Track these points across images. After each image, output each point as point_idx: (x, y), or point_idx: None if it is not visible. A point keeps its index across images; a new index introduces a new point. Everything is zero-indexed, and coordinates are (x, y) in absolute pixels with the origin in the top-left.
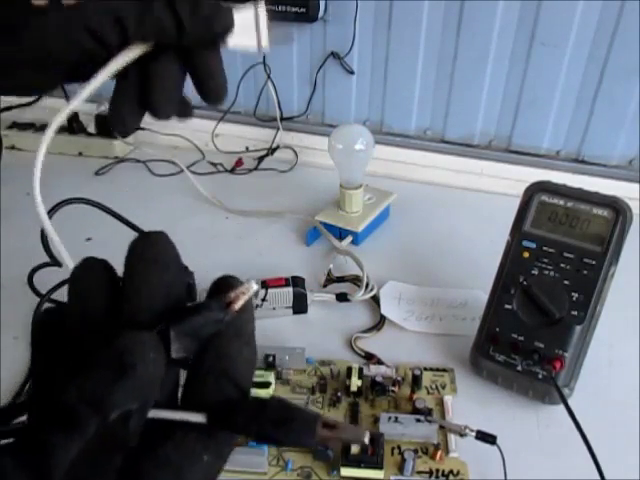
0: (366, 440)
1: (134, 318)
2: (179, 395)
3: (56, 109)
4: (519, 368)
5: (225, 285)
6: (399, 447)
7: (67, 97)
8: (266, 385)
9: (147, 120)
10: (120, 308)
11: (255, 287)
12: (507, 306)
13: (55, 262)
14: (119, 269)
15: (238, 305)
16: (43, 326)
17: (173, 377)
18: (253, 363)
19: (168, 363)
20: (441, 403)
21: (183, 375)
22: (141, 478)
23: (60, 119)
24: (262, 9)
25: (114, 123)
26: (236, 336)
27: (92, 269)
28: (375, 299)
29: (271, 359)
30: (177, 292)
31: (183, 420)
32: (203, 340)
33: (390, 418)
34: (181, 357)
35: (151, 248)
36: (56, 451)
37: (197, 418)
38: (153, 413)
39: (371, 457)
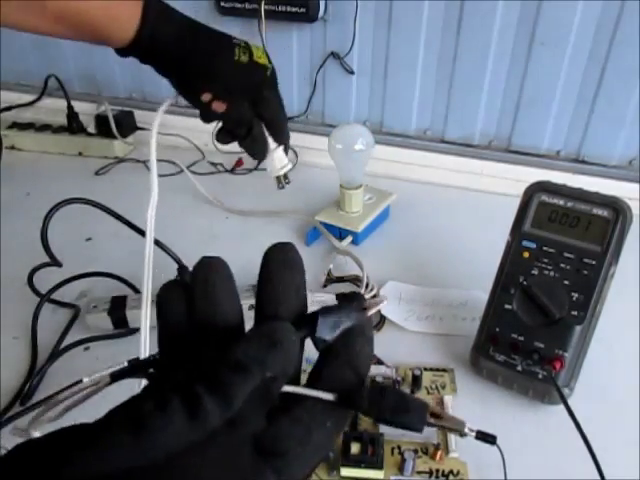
0: (466, 430)
1: (275, 311)
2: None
3: (55, 109)
4: (519, 368)
5: (357, 297)
6: (399, 447)
7: (67, 97)
8: None
9: (146, 120)
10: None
11: (386, 302)
12: (507, 306)
13: (55, 262)
14: (120, 269)
15: (372, 312)
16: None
17: (301, 359)
18: (371, 358)
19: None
20: (441, 403)
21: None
22: (279, 430)
23: None
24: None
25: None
26: (361, 335)
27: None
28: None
29: None
30: (304, 292)
31: (315, 396)
32: (340, 332)
33: None
34: (320, 340)
35: (285, 254)
36: (236, 387)
37: (327, 396)
38: (292, 388)
39: (371, 457)
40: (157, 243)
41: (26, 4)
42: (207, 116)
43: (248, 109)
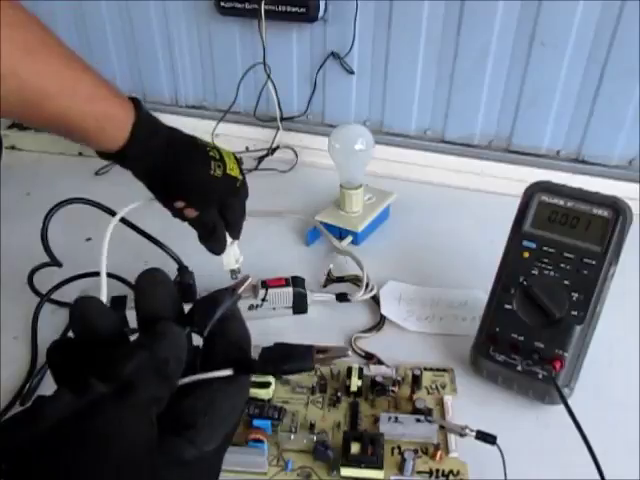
0: (349, 353)
1: (157, 316)
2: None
3: None
4: (519, 368)
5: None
6: (399, 447)
7: None
8: (266, 385)
9: None
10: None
11: (250, 279)
12: (507, 306)
13: (55, 262)
14: (120, 269)
15: (241, 290)
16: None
17: (192, 351)
18: (246, 335)
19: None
20: (441, 403)
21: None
22: (183, 406)
23: None
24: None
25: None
26: (233, 318)
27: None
28: (375, 299)
29: None
30: (176, 298)
31: (214, 377)
32: (216, 319)
33: (390, 418)
34: (200, 330)
35: (152, 273)
36: (120, 364)
37: (225, 372)
38: (189, 379)
39: (371, 457)
40: (157, 243)
41: (23, 103)
42: (177, 217)
43: (215, 214)
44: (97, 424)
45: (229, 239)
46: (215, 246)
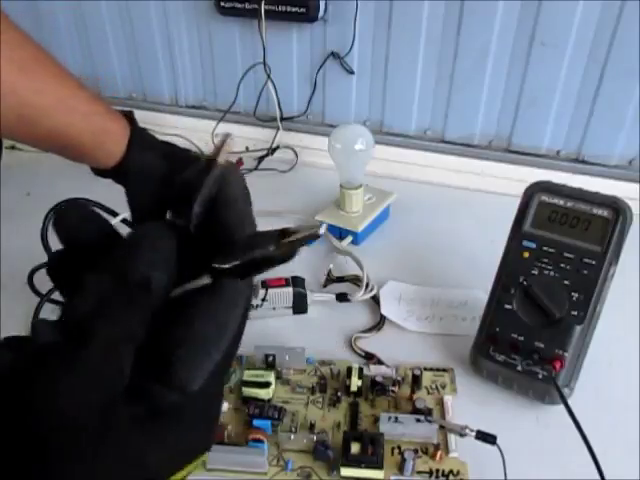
0: (321, 230)
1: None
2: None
3: None
4: (519, 368)
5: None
6: (399, 447)
7: None
8: (266, 385)
9: (146, 120)
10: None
11: (230, 137)
12: (507, 306)
13: None
14: None
15: (221, 158)
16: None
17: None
18: (248, 217)
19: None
20: (441, 403)
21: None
22: (159, 340)
23: None
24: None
25: None
26: (226, 206)
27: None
28: (375, 299)
29: (271, 359)
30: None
31: (196, 287)
32: (204, 203)
33: (390, 418)
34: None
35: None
36: (87, 283)
37: (203, 281)
38: (173, 293)
39: (371, 457)
40: None
41: (22, 121)
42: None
43: None
44: (35, 390)
45: None
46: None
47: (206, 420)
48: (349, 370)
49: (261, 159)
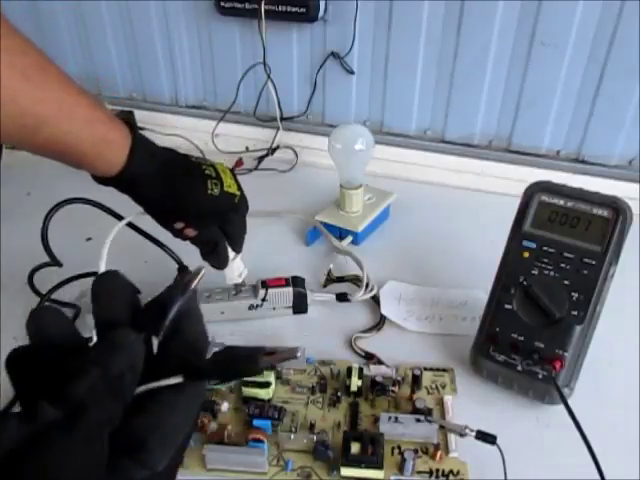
0: (299, 354)
1: (112, 320)
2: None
3: None
4: (519, 368)
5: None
6: (399, 447)
7: None
8: (266, 385)
9: (146, 120)
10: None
11: (204, 270)
12: (507, 306)
13: (55, 262)
14: (120, 269)
15: (194, 285)
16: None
17: (147, 356)
18: (204, 334)
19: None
20: (441, 403)
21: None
22: (132, 424)
23: None
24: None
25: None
26: (188, 316)
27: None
28: (375, 299)
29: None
30: (134, 300)
31: (166, 385)
32: (170, 318)
33: (390, 418)
34: (155, 334)
35: (104, 283)
36: (71, 386)
37: (175, 380)
38: (143, 388)
39: (371, 457)
40: (157, 243)
41: (21, 129)
42: (178, 237)
43: (216, 230)
44: (45, 455)
45: (231, 253)
46: (217, 262)
47: None
48: (349, 370)
49: (261, 159)
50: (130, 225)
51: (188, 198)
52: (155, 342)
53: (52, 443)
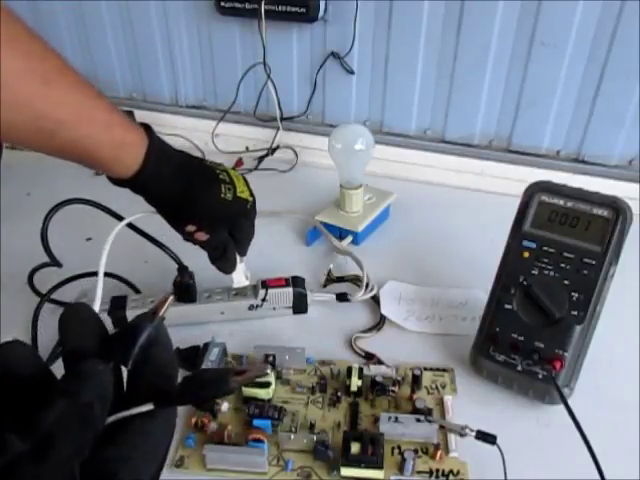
0: (268, 371)
1: (80, 349)
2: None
3: None
4: (519, 368)
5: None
6: (399, 447)
7: None
8: (266, 385)
9: (146, 120)
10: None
11: (172, 297)
12: (507, 306)
13: (55, 262)
14: (120, 269)
15: (162, 312)
16: None
17: (117, 385)
18: (173, 360)
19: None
20: (441, 403)
21: None
22: (103, 455)
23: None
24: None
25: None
26: (156, 344)
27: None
28: (375, 299)
29: (271, 359)
30: (102, 331)
31: (136, 413)
32: (138, 347)
33: (390, 418)
34: (124, 363)
35: (73, 314)
36: (39, 418)
37: (146, 407)
38: (113, 417)
39: (371, 457)
40: (157, 243)
41: (39, 133)
42: (188, 241)
43: (226, 236)
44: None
45: (238, 257)
46: (226, 266)
47: None
48: (349, 370)
49: (261, 159)
50: (130, 225)
51: (202, 201)
52: (125, 371)
53: (21, 475)
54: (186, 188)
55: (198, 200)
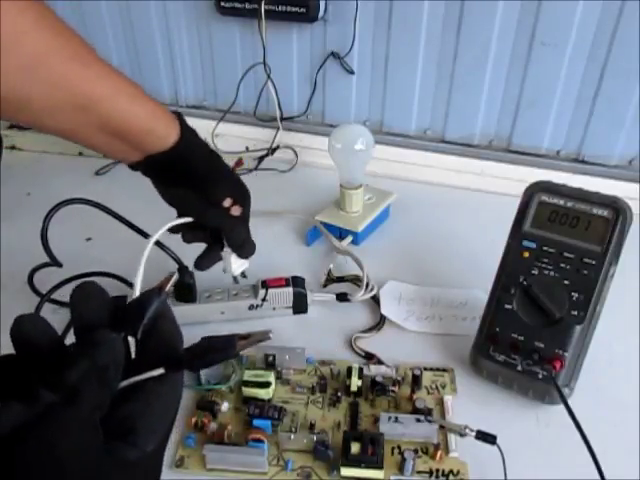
0: (271, 334)
1: (91, 324)
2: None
3: None
4: (519, 368)
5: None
6: (399, 447)
7: None
8: (266, 385)
9: None
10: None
11: (176, 276)
12: (507, 306)
13: (55, 262)
14: (120, 269)
15: (167, 287)
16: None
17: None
18: (177, 330)
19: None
20: (441, 403)
21: None
22: (121, 411)
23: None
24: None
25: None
26: (162, 316)
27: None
28: (375, 299)
29: (271, 359)
30: (109, 304)
31: (148, 377)
32: (147, 319)
33: (390, 418)
34: (134, 332)
35: (81, 291)
36: (66, 373)
37: (157, 372)
38: (126, 382)
39: (371, 457)
40: (157, 243)
41: (75, 110)
42: (223, 221)
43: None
44: (49, 431)
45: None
46: (251, 248)
47: (155, 468)
48: (349, 370)
49: (261, 159)
50: (130, 225)
51: (232, 174)
52: (132, 343)
53: (52, 421)
54: (218, 158)
55: (230, 171)
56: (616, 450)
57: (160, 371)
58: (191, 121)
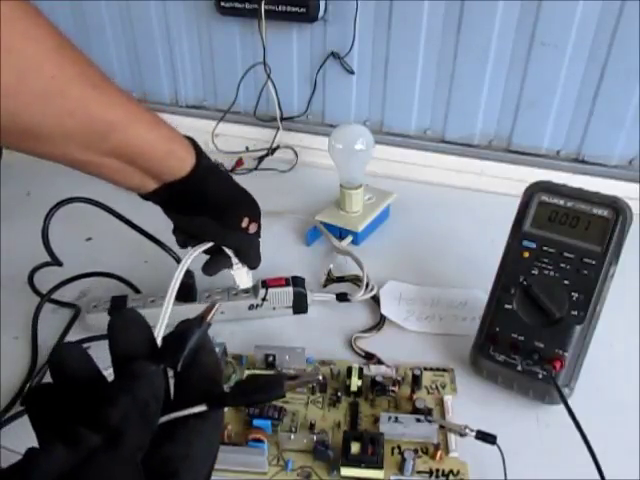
0: (319, 377)
1: (129, 355)
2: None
3: None
4: (519, 368)
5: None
6: (399, 447)
7: None
8: None
9: None
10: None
11: (218, 305)
12: (507, 306)
13: (56, 261)
14: (120, 269)
15: (209, 318)
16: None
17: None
18: (218, 363)
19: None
20: (441, 403)
21: None
22: (163, 453)
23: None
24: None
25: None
26: (203, 349)
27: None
28: (375, 299)
29: (271, 359)
30: (150, 336)
31: (190, 414)
32: (187, 351)
33: (390, 418)
34: (174, 365)
35: (123, 319)
36: (107, 412)
37: (200, 408)
38: (166, 417)
39: (371, 457)
40: (158, 243)
41: (91, 136)
42: (242, 243)
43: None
44: (93, 477)
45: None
46: (259, 260)
47: None
48: (349, 370)
49: (261, 159)
50: (130, 225)
51: (244, 190)
52: (171, 377)
53: (98, 467)
54: (230, 179)
55: (245, 191)
56: (616, 450)
57: (202, 408)
58: (191, 121)
